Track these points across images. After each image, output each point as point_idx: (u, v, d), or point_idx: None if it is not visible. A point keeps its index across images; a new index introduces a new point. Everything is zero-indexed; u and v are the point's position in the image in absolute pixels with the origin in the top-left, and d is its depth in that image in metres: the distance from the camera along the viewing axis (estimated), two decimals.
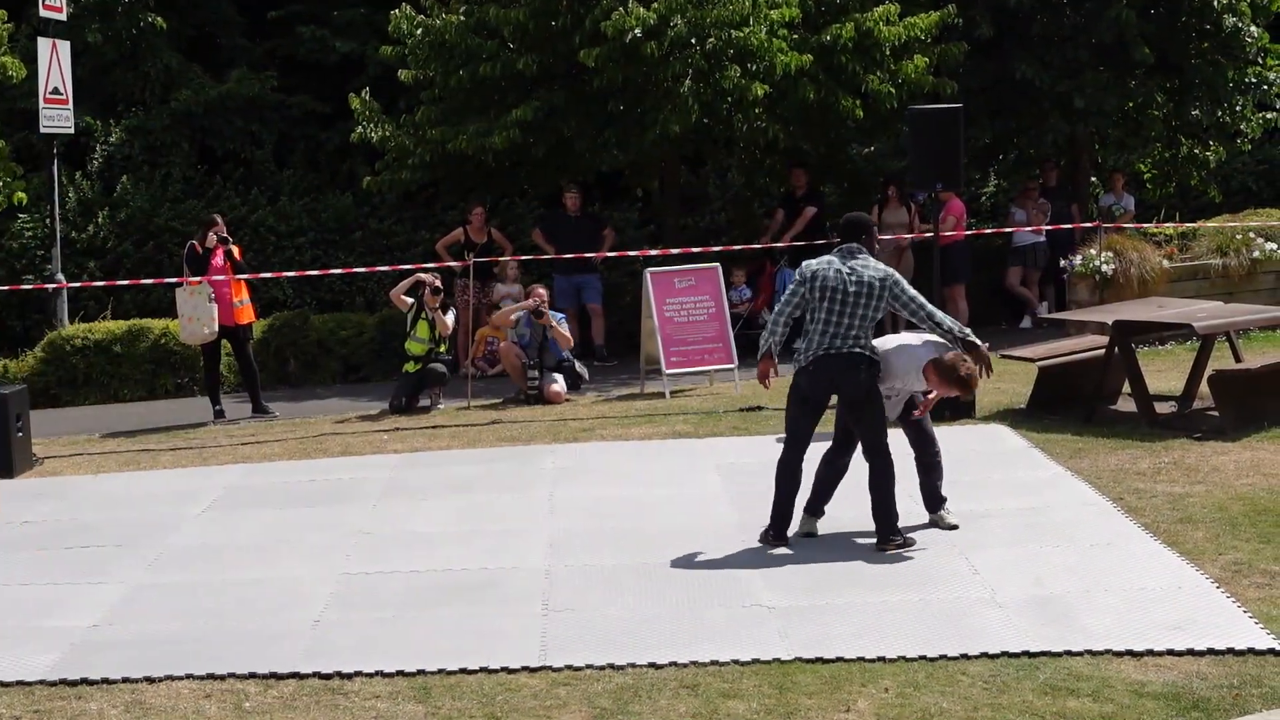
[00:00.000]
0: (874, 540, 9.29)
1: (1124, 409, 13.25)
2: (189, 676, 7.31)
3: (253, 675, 7.31)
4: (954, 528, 9.50)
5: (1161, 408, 12.89)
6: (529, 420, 14.62)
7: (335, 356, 19.08)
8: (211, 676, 7.31)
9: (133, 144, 22.18)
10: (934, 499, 9.71)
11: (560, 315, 16.60)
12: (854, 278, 9.26)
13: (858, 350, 9.23)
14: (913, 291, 9.39)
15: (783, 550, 9.24)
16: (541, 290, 16.42)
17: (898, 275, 9.43)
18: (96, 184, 21.71)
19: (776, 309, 9.62)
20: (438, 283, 16.08)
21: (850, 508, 9.77)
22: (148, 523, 10.86)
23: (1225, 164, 24.02)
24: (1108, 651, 7.07)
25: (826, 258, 9.48)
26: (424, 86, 19.09)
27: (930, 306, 9.41)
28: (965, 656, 7.11)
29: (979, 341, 9.43)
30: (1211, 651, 7.00)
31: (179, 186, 21.73)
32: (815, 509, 9.63)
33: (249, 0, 24.09)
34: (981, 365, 9.39)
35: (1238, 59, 20.85)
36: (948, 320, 9.43)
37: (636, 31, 16.93)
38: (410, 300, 16.02)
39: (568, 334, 16.15)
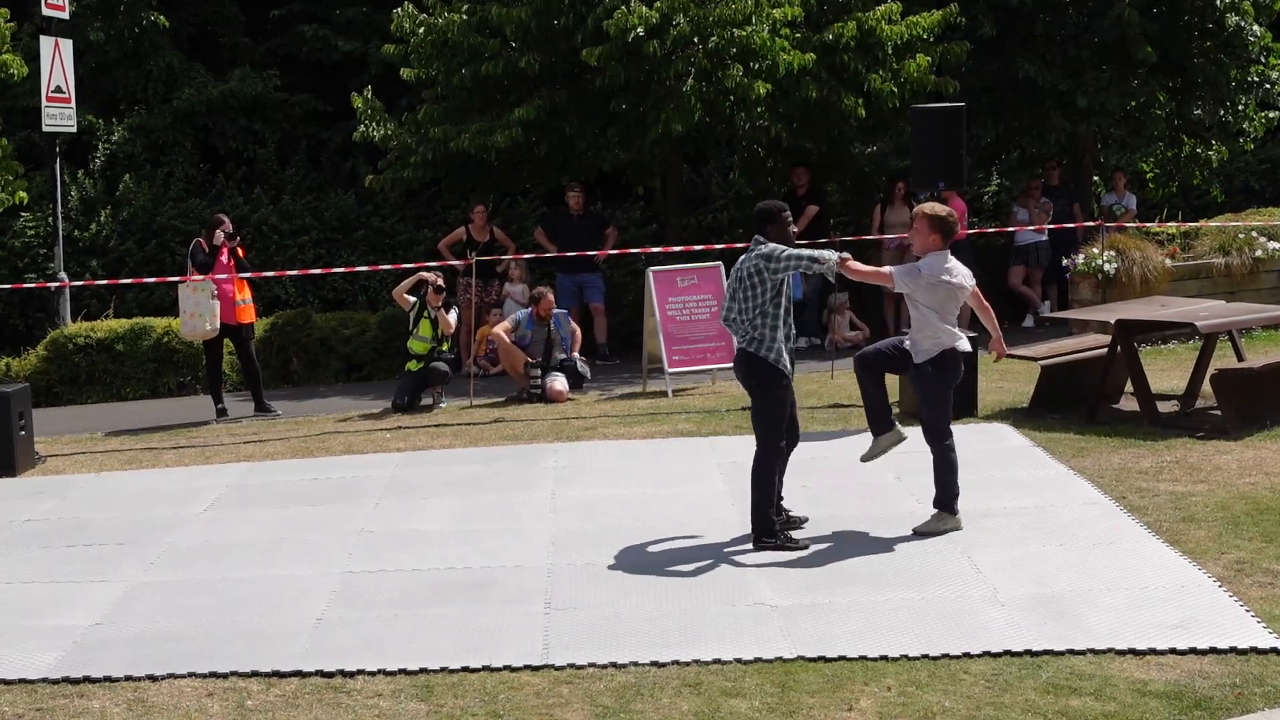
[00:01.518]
0: (873, 537, 9.32)
1: (1126, 408, 13.25)
2: (191, 675, 7.31)
3: (255, 673, 7.31)
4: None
5: (1164, 407, 12.88)
6: (531, 419, 14.62)
7: (337, 355, 19.08)
8: (214, 675, 7.31)
9: (135, 143, 22.21)
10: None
11: (562, 312, 16.62)
12: (736, 270, 9.59)
13: (741, 346, 9.53)
14: (790, 252, 9.46)
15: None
16: (550, 298, 16.46)
17: (771, 249, 9.48)
18: (99, 183, 21.73)
19: None
20: (440, 281, 16.09)
21: (851, 506, 9.76)
22: (150, 521, 10.86)
23: (1228, 163, 24.02)
24: (1110, 650, 7.07)
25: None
26: (426, 85, 19.10)
27: (808, 252, 9.57)
28: (967, 655, 7.11)
29: (843, 255, 9.59)
30: (1214, 650, 7.00)
31: (181, 185, 21.76)
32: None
33: None
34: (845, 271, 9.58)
35: (1240, 58, 20.85)
36: (822, 254, 9.54)
37: (639, 30, 16.94)
38: (413, 299, 16.03)
39: (574, 326, 16.27)
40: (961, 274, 9.60)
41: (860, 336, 18.63)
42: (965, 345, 9.66)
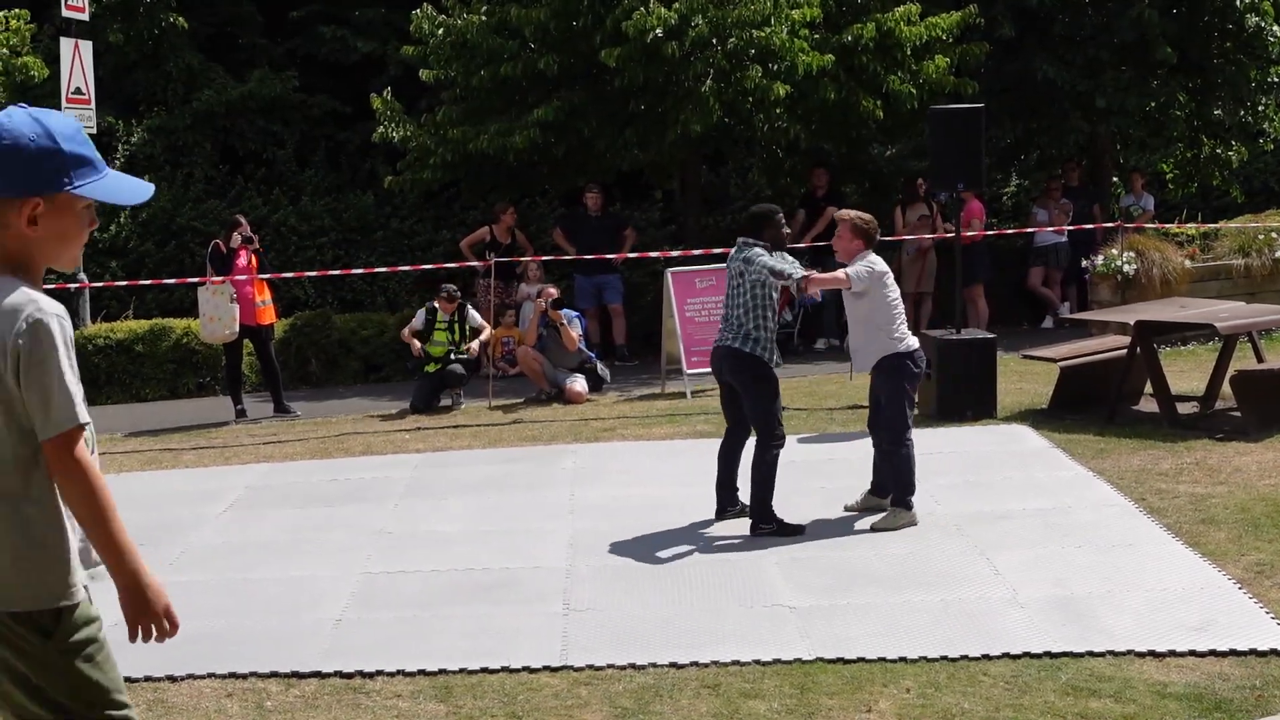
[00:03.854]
0: (892, 538, 9.32)
1: (1146, 409, 13.22)
2: (211, 675, 7.32)
3: (274, 674, 7.32)
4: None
5: (1183, 408, 12.86)
6: (550, 420, 14.63)
7: (356, 356, 19.11)
8: (233, 675, 7.32)
9: (154, 144, 22.25)
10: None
11: (574, 314, 16.61)
12: (730, 269, 9.92)
13: (735, 345, 9.74)
14: (762, 262, 9.74)
15: (803, 548, 9.25)
16: (552, 290, 16.45)
17: (750, 253, 9.78)
18: None
19: None
20: (453, 288, 16.21)
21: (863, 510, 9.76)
22: (169, 522, 10.88)
23: (1247, 164, 24.01)
24: (1129, 652, 7.05)
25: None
26: (445, 86, 19.13)
27: (778, 265, 9.83)
28: (987, 657, 7.10)
29: (810, 272, 10.11)
30: (1234, 652, 6.99)
31: (201, 186, 21.80)
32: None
33: (270, 0, 24.14)
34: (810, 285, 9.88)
35: (1260, 59, 20.82)
36: (787, 268, 9.83)
37: (658, 31, 16.94)
38: (419, 324, 16.11)
39: (575, 335, 16.15)
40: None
41: None
42: (915, 343, 9.96)
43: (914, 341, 9.93)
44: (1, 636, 4.00)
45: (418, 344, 16.02)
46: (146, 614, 4.09)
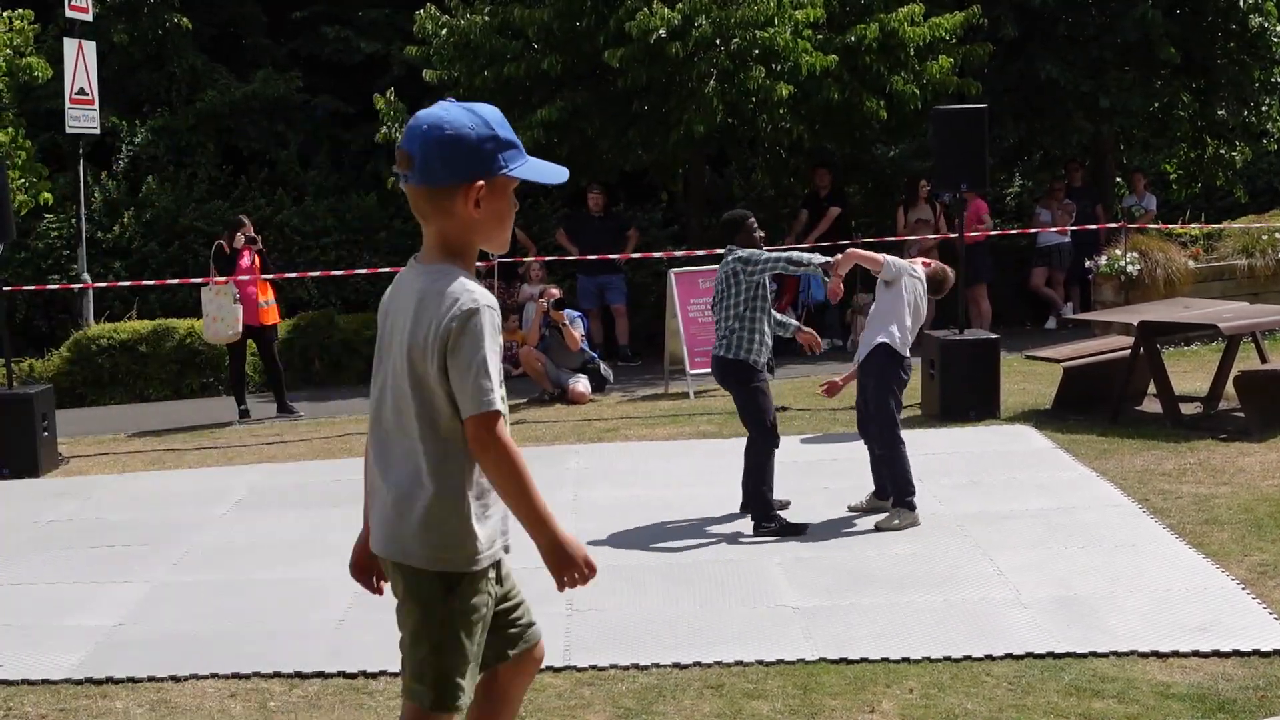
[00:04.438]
0: (895, 539, 9.32)
1: (1149, 410, 13.22)
2: (214, 675, 7.32)
3: (277, 674, 7.32)
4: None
5: (1187, 408, 12.86)
6: (553, 420, 14.64)
7: (360, 356, 19.10)
8: (236, 675, 7.32)
9: (158, 144, 22.30)
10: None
11: (576, 314, 16.62)
12: (720, 274, 10.01)
13: (721, 353, 9.87)
14: (771, 255, 9.92)
15: (807, 549, 9.25)
16: (554, 290, 16.46)
17: (749, 252, 9.92)
18: (122, 184, 21.81)
19: None
20: None
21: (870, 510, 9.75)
22: (172, 522, 10.89)
23: (1251, 164, 24.00)
24: (1133, 653, 7.05)
25: None
26: (448, 87, 19.12)
27: (787, 255, 10.04)
28: (990, 657, 7.10)
29: (831, 259, 9.94)
30: (1237, 653, 6.98)
31: (204, 187, 21.83)
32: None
33: (273, 0, 24.16)
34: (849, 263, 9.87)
35: (1263, 59, 20.82)
36: (804, 256, 10.00)
37: (661, 32, 16.95)
38: None
39: (577, 335, 16.15)
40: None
41: None
42: (908, 355, 9.97)
43: (907, 353, 9.91)
44: (411, 587, 4.53)
45: None
46: (569, 567, 4.48)
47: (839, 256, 9.90)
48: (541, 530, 4.42)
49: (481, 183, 4.37)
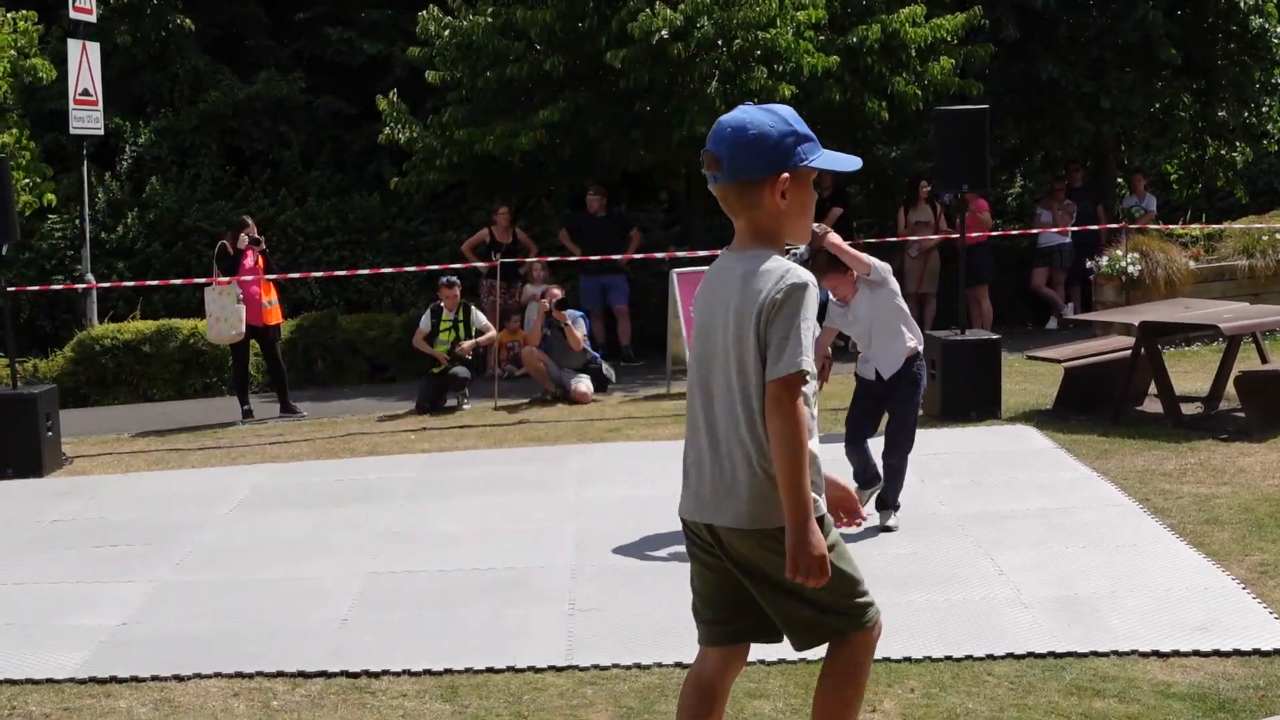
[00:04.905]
0: (896, 538, 9.34)
1: (1150, 410, 13.23)
2: (217, 675, 7.34)
3: (280, 674, 7.34)
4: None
5: (1188, 409, 12.86)
6: (556, 420, 14.65)
7: (362, 356, 19.15)
8: (239, 675, 7.33)
9: (161, 145, 22.31)
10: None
11: (578, 314, 16.63)
12: None
13: None
14: None
15: None
16: (556, 290, 16.47)
17: None
18: (125, 185, 21.83)
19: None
20: (454, 277, 16.34)
21: (874, 508, 9.76)
22: (175, 522, 10.91)
23: (1251, 165, 24.00)
24: (1134, 652, 7.06)
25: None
26: (451, 88, 19.15)
27: None
28: (991, 657, 7.11)
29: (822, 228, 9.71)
30: (1238, 652, 6.99)
31: (207, 187, 21.85)
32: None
33: (276, 2, 24.18)
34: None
35: (1264, 60, 20.84)
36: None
37: (663, 33, 16.97)
38: (437, 352, 16.11)
39: (580, 335, 16.16)
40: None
41: None
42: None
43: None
44: (767, 548, 4.63)
45: (437, 352, 16.03)
46: (807, 557, 4.52)
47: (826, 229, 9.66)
48: (798, 504, 4.53)
49: (786, 175, 4.68)
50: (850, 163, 4.97)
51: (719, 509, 4.69)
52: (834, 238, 9.59)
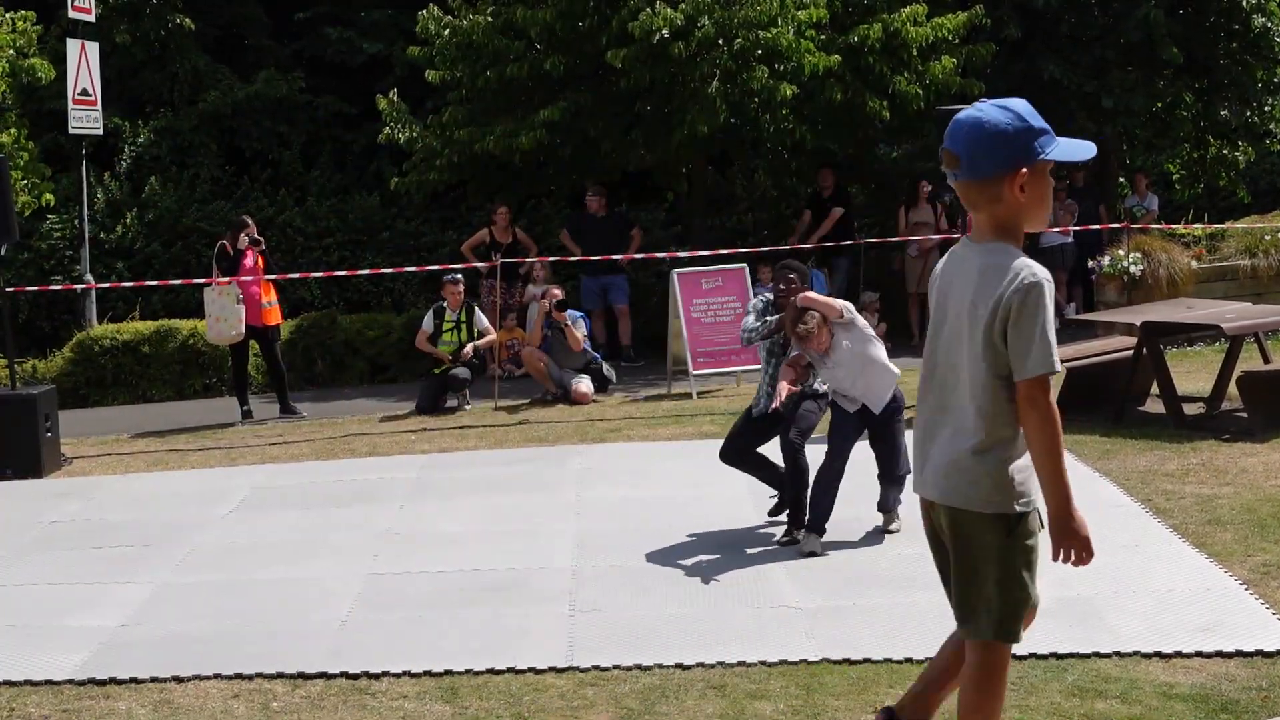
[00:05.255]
0: (898, 539, 9.32)
1: (1152, 410, 13.21)
2: (217, 676, 7.32)
3: (280, 675, 7.32)
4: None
5: (1190, 409, 12.84)
6: (556, 421, 14.64)
7: (362, 357, 19.13)
8: (239, 676, 7.32)
9: (161, 145, 22.29)
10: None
11: (579, 315, 16.60)
12: None
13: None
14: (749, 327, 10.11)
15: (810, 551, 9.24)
16: (556, 291, 16.45)
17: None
18: (125, 185, 21.82)
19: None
20: (457, 275, 16.34)
21: (876, 509, 9.75)
22: (175, 523, 10.89)
23: (1254, 164, 23.99)
24: (1136, 653, 7.04)
25: None
26: (451, 87, 19.13)
27: (748, 323, 10.18)
28: None
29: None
30: (1240, 653, 6.98)
31: (207, 187, 21.84)
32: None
33: (276, 1, 24.17)
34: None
35: (1266, 59, 20.82)
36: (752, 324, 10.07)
37: (664, 32, 16.95)
38: (440, 351, 16.09)
39: (580, 335, 16.14)
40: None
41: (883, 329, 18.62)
42: None
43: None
44: (970, 530, 4.95)
45: (440, 351, 16.02)
46: (1071, 539, 4.93)
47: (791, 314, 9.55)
48: (1058, 492, 4.88)
49: (1024, 170, 4.83)
50: (1085, 150, 5.08)
51: (937, 485, 4.99)
52: (808, 296, 9.58)
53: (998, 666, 5.14)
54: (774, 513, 9.96)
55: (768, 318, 9.88)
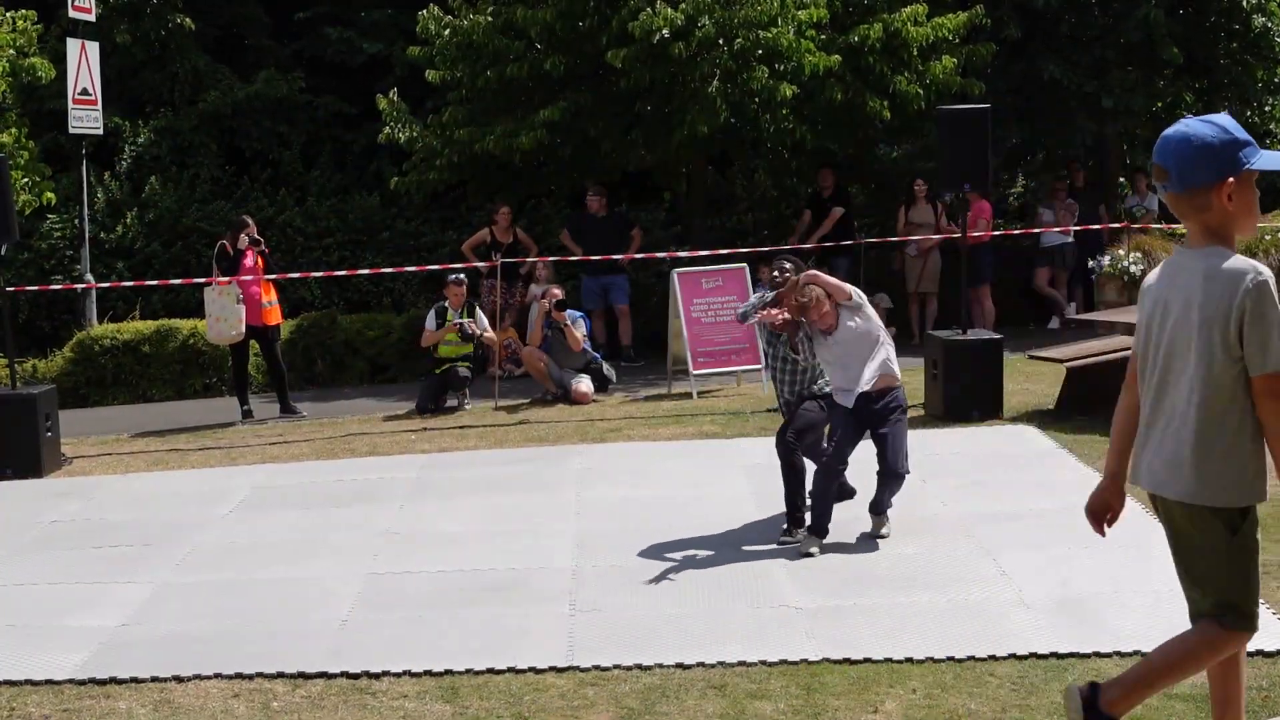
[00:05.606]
0: (899, 539, 9.31)
1: None
2: (217, 676, 7.33)
3: (280, 675, 7.33)
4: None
5: None
6: (556, 420, 14.64)
7: (362, 357, 19.12)
8: (239, 676, 7.32)
9: (161, 145, 22.27)
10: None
11: (579, 315, 16.60)
12: None
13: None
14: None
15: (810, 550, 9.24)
16: (556, 291, 16.45)
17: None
18: (125, 184, 21.80)
19: None
20: (460, 275, 16.33)
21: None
22: (175, 522, 10.89)
23: None
24: (1136, 653, 7.04)
25: None
26: (451, 87, 19.12)
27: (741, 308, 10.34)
28: (993, 658, 7.10)
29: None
30: None
31: (207, 187, 21.82)
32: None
33: (276, 1, 24.16)
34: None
35: (1266, 59, 20.83)
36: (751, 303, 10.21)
37: (664, 32, 16.94)
38: (434, 326, 16.10)
39: (580, 335, 16.13)
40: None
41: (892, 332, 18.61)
42: None
43: None
44: (1195, 525, 5.10)
45: (447, 328, 16.03)
46: None
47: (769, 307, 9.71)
48: None
49: (1231, 179, 5.00)
50: None
51: (1166, 481, 5.14)
52: (815, 274, 9.69)
53: (1219, 648, 5.23)
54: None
55: (765, 294, 9.88)
